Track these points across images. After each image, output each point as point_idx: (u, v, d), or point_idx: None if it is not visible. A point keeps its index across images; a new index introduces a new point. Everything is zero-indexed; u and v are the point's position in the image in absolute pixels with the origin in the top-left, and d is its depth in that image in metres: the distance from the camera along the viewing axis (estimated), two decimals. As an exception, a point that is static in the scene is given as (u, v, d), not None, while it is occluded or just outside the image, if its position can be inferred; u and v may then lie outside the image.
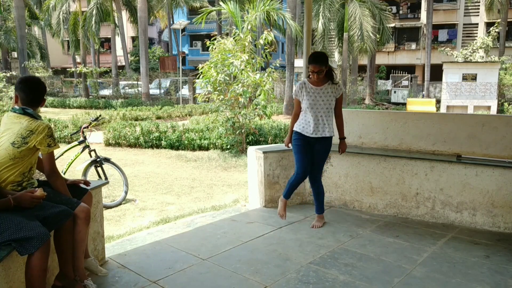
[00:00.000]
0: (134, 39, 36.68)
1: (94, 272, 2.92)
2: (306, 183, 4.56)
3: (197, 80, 9.96)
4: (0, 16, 27.31)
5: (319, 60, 3.82)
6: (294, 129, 4.02)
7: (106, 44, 38.32)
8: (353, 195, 4.74)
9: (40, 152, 2.64)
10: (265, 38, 9.25)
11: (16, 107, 2.61)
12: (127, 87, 28.36)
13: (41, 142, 2.54)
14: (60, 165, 5.88)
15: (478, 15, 30.59)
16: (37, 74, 26.22)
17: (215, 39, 9.38)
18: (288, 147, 4.23)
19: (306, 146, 3.94)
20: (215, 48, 9.27)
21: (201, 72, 9.36)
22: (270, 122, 10.87)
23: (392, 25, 28.90)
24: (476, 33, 30.15)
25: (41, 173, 2.85)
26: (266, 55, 9.80)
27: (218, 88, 9.21)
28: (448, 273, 3.11)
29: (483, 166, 4.04)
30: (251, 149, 4.98)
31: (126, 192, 5.82)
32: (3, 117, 2.66)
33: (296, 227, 4.10)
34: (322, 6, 21.31)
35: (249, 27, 9.50)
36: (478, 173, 4.06)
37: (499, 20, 24.40)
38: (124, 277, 3.00)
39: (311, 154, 3.97)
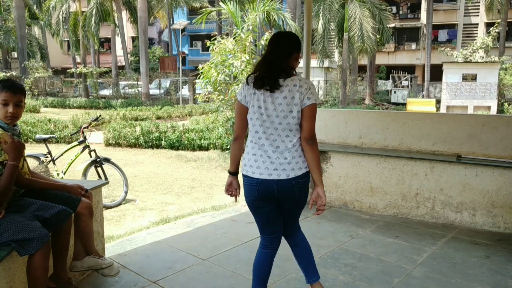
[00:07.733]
0: (134, 39, 36.69)
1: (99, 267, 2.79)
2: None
3: (197, 80, 9.96)
4: (0, 16, 27.30)
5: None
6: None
7: (106, 44, 38.33)
8: (353, 195, 4.74)
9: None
10: (266, 39, 9.25)
11: None
12: (127, 87, 28.35)
13: None
14: (60, 165, 5.92)
15: (478, 15, 30.57)
16: (37, 74, 26.28)
17: (215, 39, 9.38)
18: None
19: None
20: (215, 49, 9.26)
21: (201, 73, 9.36)
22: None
23: (392, 25, 28.91)
24: (476, 33, 30.14)
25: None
26: None
27: (218, 88, 9.21)
28: (448, 273, 3.11)
29: (483, 166, 4.04)
30: (251, 149, 4.96)
31: (126, 192, 5.82)
32: None
33: (296, 227, 4.10)
34: (322, 7, 21.34)
35: (250, 27, 9.50)
36: (478, 173, 4.06)
37: (499, 20, 24.40)
38: (124, 277, 3.00)
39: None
